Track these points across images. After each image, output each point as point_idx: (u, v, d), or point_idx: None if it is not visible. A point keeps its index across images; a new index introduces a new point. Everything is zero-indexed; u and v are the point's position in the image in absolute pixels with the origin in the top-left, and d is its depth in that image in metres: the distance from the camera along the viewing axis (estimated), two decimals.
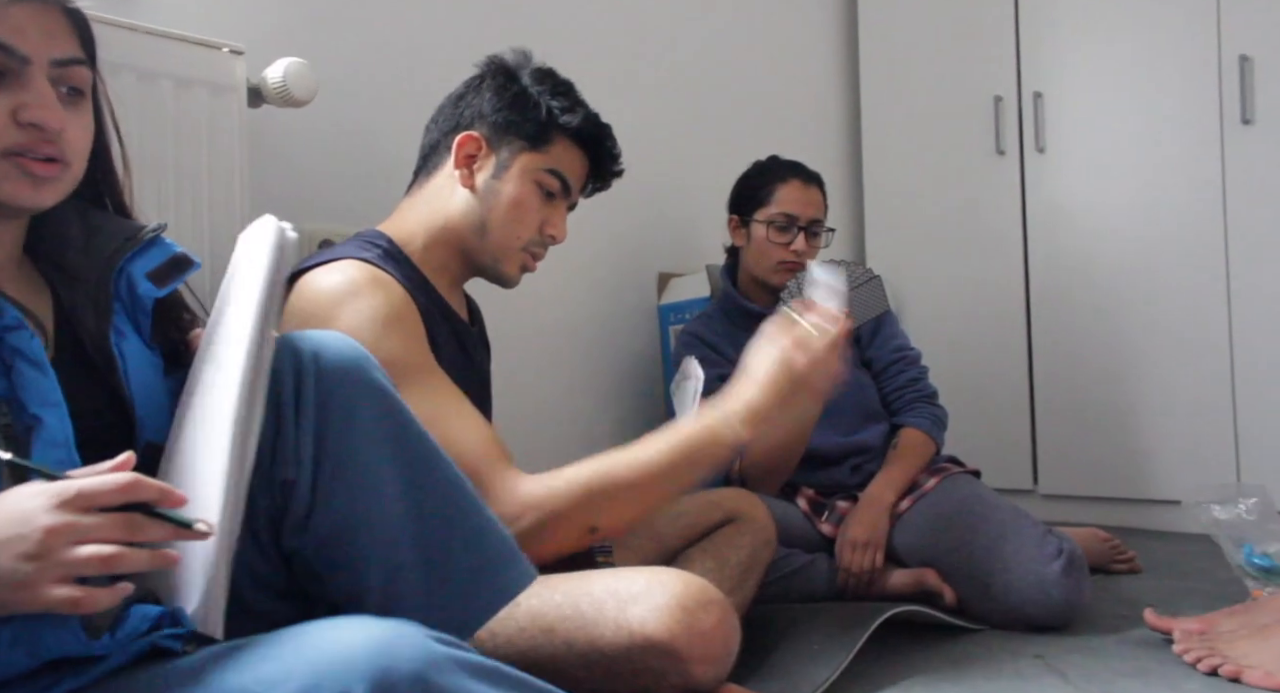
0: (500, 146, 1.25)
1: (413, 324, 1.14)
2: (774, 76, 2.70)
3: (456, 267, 1.29)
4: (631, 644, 0.99)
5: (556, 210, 1.29)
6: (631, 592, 1.02)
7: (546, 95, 1.26)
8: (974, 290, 2.66)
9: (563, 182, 1.28)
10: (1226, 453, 2.28)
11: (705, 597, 1.02)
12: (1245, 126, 2.25)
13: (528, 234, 1.27)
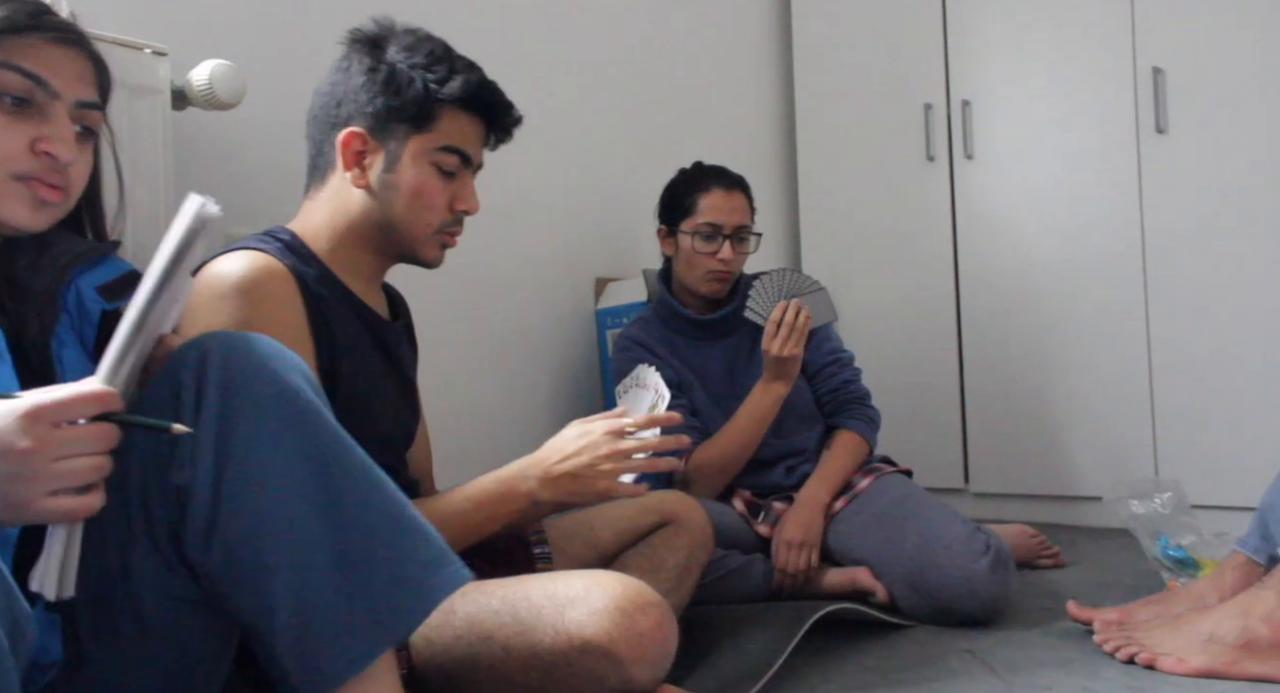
0: (386, 138, 1.17)
1: (290, 326, 1.08)
2: (710, 82, 2.73)
3: (371, 262, 1.22)
4: (570, 648, 0.99)
5: (463, 184, 1.22)
6: (569, 595, 1.02)
7: (420, 70, 1.17)
8: (906, 293, 2.72)
9: (460, 154, 1.20)
10: (1145, 451, 2.37)
11: (643, 599, 1.02)
12: (1159, 135, 2.34)
13: (438, 218, 1.20)
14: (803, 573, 1.75)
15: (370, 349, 1.21)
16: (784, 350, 1.75)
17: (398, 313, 1.32)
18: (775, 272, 1.84)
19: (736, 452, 1.81)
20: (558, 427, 2.21)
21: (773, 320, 1.76)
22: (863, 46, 2.79)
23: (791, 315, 1.75)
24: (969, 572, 1.58)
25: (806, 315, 1.76)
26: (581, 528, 1.42)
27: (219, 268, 1.08)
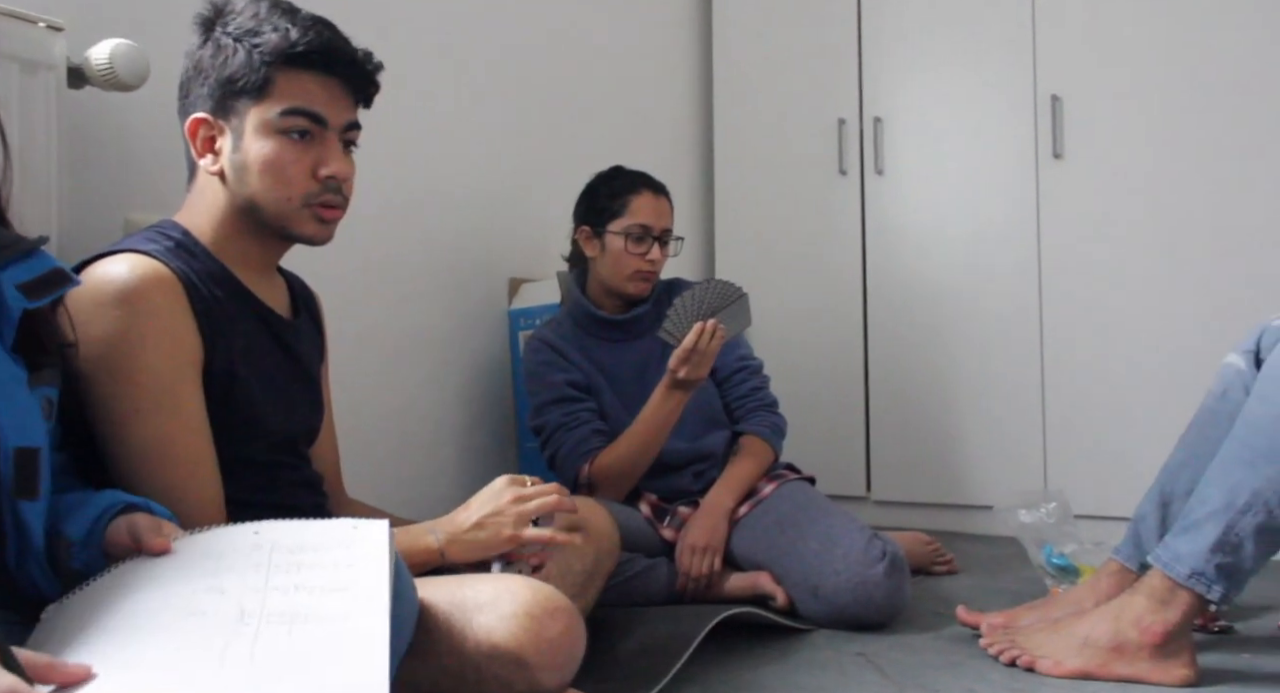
0: (228, 115, 1.11)
1: (173, 338, 1.05)
2: (630, 88, 2.75)
3: (258, 250, 1.17)
4: (478, 654, 0.98)
5: (325, 148, 1.13)
6: (478, 601, 1.01)
7: (245, 37, 1.10)
8: (816, 303, 2.77)
9: (310, 115, 1.11)
10: (1036, 463, 2.46)
11: (553, 604, 1.02)
12: (1056, 160, 2.44)
13: (299, 188, 1.12)
14: (705, 577, 1.76)
15: (269, 347, 1.18)
16: (690, 375, 1.74)
17: (299, 306, 1.29)
18: (697, 287, 1.78)
19: (637, 457, 1.82)
20: (467, 428, 2.21)
21: (685, 347, 1.72)
22: (780, 61, 2.84)
23: (705, 341, 1.72)
24: (865, 578, 1.62)
25: (720, 336, 1.74)
26: None
27: (103, 272, 1.03)
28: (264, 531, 0.87)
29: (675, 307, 1.77)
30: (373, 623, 0.75)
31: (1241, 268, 2.24)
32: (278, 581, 0.79)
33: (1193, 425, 1.53)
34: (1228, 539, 1.29)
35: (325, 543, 0.84)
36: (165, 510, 0.92)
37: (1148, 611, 1.32)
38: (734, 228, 2.93)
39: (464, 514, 1.16)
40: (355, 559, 0.82)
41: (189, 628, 0.74)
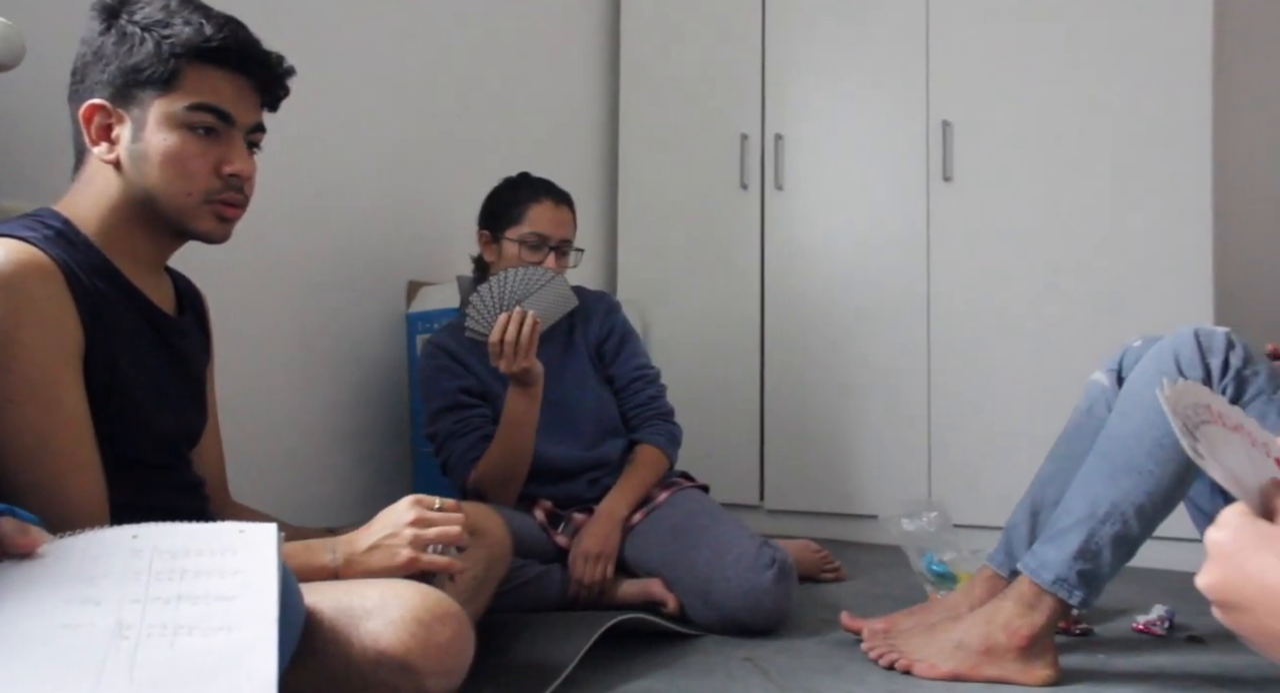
0: (129, 105, 1.09)
1: (51, 325, 1.01)
2: (538, 97, 2.76)
3: (148, 245, 1.14)
4: (365, 661, 0.96)
5: (230, 146, 1.12)
6: (365, 607, 0.99)
7: (154, 27, 1.08)
8: (715, 315, 2.82)
9: (217, 112, 1.10)
10: (920, 473, 2.56)
11: (441, 610, 1.01)
12: (946, 183, 2.55)
13: (200, 184, 1.10)
14: (598, 584, 1.78)
15: (152, 345, 1.14)
16: (514, 367, 1.70)
17: (185, 305, 1.25)
18: (493, 278, 1.74)
19: (510, 461, 1.80)
20: (361, 432, 2.18)
21: (493, 342, 1.68)
22: (686, 76, 2.89)
23: (514, 331, 1.68)
24: (755, 584, 1.66)
25: (533, 322, 1.68)
26: None
27: None
28: (143, 535, 0.82)
29: (472, 302, 1.74)
30: (261, 634, 0.73)
31: (1112, 290, 2.38)
32: (159, 590, 0.76)
33: (1061, 439, 1.61)
34: (1088, 548, 1.36)
35: (210, 548, 0.81)
36: (31, 516, 0.88)
37: (1016, 615, 1.39)
38: (636, 239, 2.96)
39: (364, 534, 1.14)
40: (241, 566, 0.80)
41: (60, 644, 0.70)
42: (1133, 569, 1.50)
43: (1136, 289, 2.35)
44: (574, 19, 2.97)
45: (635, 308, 2.81)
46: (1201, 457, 0.59)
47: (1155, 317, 2.22)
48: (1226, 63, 2.54)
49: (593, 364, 2.03)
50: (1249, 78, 2.69)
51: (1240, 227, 2.64)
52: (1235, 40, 2.65)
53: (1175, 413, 0.61)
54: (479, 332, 1.73)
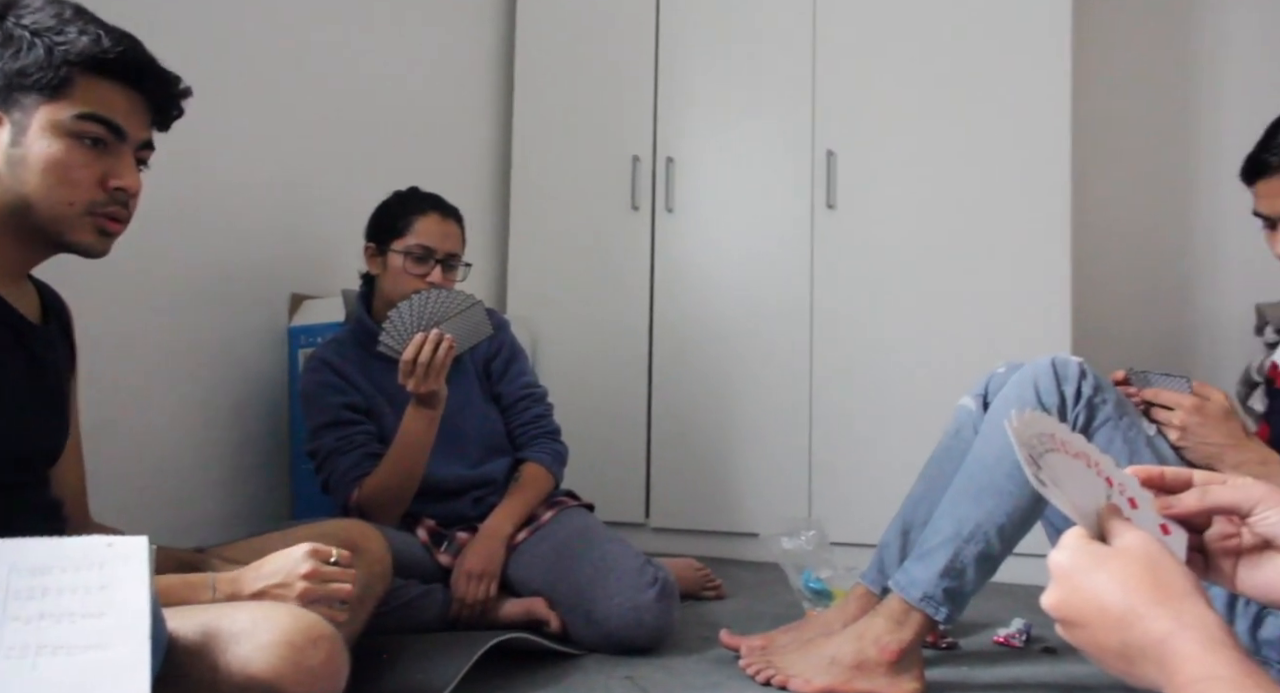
0: (10, 108, 1.06)
1: None
2: (429, 112, 2.73)
3: (16, 254, 1.11)
4: (233, 687, 0.94)
5: (118, 159, 1.10)
6: (233, 631, 0.96)
7: (46, 33, 1.05)
8: (604, 334, 2.84)
9: (107, 125, 1.08)
10: (801, 492, 2.63)
11: (315, 632, 0.99)
12: (829, 210, 2.64)
13: (83, 196, 1.07)
14: (480, 603, 1.76)
15: (13, 354, 1.09)
16: (421, 388, 1.68)
17: (49, 314, 1.20)
18: (415, 297, 1.72)
19: (399, 480, 1.77)
20: (240, 446, 2.11)
21: (405, 360, 1.66)
22: (580, 96, 2.91)
23: (428, 352, 1.66)
24: (637, 603, 1.67)
25: (449, 345, 1.68)
26: (250, 556, 1.34)
27: None
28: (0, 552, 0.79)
29: (390, 318, 1.72)
30: (134, 652, 0.70)
31: (981, 317, 2.50)
32: (18, 609, 0.72)
33: (931, 461, 1.68)
34: (954, 566, 1.43)
35: (74, 563, 0.78)
36: None
37: (886, 631, 1.44)
38: (528, 257, 2.96)
39: (251, 576, 1.10)
40: (110, 580, 0.77)
41: None
42: (995, 585, 1.57)
43: (1003, 317, 2.48)
44: (469, 35, 2.96)
45: (525, 325, 2.80)
46: (1044, 484, 0.63)
47: (1021, 343, 2.34)
48: (1084, 104, 2.71)
49: (480, 382, 2.02)
50: (1105, 119, 2.88)
51: (1096, 260, 2.82)
52: (1092, 83, 2.83)
53: (1021, 443, 0.65)
54: (392, 348, 1.70)
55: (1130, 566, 0.58)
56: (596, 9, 2.91)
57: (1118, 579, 0.58)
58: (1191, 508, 0.67)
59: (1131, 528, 0.62)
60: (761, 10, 2.73)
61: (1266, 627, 1.26)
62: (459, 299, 1.76)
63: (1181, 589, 0.57)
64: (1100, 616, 0.58)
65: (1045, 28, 2.48)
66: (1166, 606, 0.56)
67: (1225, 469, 1.35)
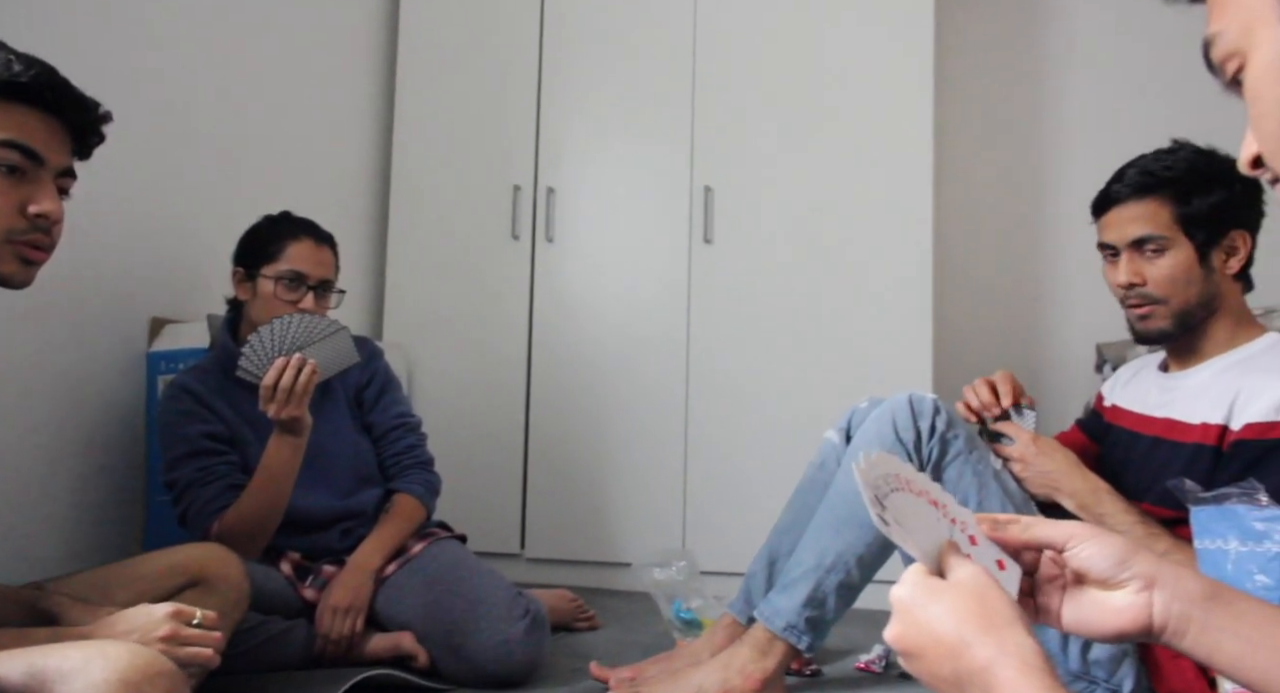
0: None
1: None
2: (305, 136, 2.68)
3: None
4: None
5: (37, 186, 1.08)
6: (62, 670, 0.91)
7: None
8: (481, 363, 2.82)
9: (24, 151, 1.06)
10: (676, 521, 2.66)
11: (154, 670, 0.94)
12: (706, 245, 2.71)
13: (2, 223, 1.06)
14: (346, 639, 1.72)
15: None
16: (283, 414, 1.63)
17: None
18: (277, 321, 1.68)
19: (261, 512, 1.71)
20: (95, 473, 2.00)
21: (266, 385, 1.61)
22: (462, 124, 2.91)
23: (289, 377, 1.61)
24: (507, 636, 1.66)
25: (311, 371, 1.63)
26: (94, 590, 1.28)
27: None
28: None
29: (250, 342, 1.67)
30: None
31: (848, 352, 2.60)
32: None
33: (796, 492, 1.74)
34: (816, 596, 1.48)
35: None
36: None
37: (750, 660, 1.48)
38: (405, 284, 2.92)
39: (102, 632, 1.05)
40: None
41: None
42: (857, 612, 1.63)
43: (869, 353, 2.58)
44: (349, 59, 2.92)
45: (401, 352, 2.76)
46: (886, 524, 0.67)
47: (885, 378, 2.44)
48: (946, 154, 2.87)
49: (351, 411, 1.98)
50: (964, 171, 3.05)
51: (955, 301, 2.97)
52: (953, 135, 3.00)
53: (867, 484, 0.68)
54: (251, 373, 1.65)
55: (962, 598, 0.62)
56: (479, 37, 2.92)
57: (950, 611, 0.62)
58: (1014, 539, 0.72)
59: (966, 563, 0.66)
60: (643, 46, 2.79)
61: (1095, 649, 1.34)
62: (323, 324, 1.73)
63: (1006, 619, 0.61)
64: (935, 646, 0.62)
65: (913, 79, 2.62)
66: (991, 634, 0.60)
67: (1061, 497, 1.45)
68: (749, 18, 2.74)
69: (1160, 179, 1.42)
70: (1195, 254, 1.41)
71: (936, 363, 2.58)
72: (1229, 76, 0.58)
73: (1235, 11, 0.56)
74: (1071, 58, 3.06)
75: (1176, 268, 1.41)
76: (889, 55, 2.65)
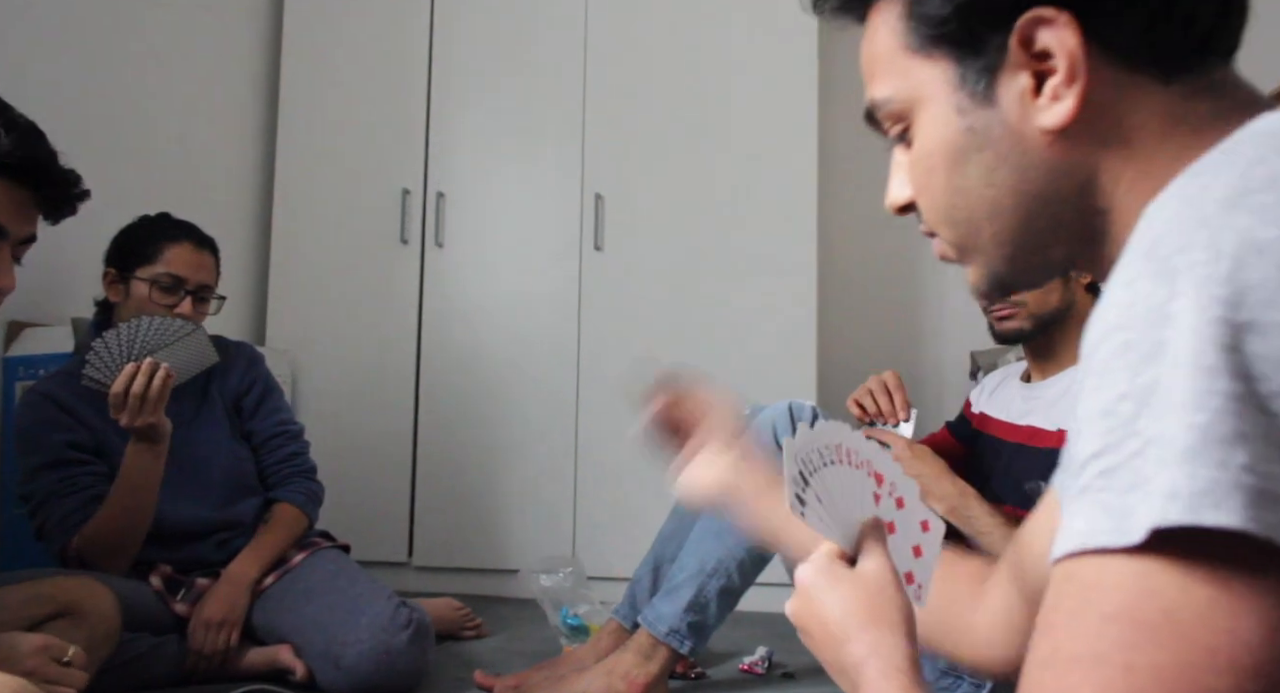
0: None
1: None
2: (185, 133, 2.58)
3: None
4: None
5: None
6: None
7: None
8: (369, 369, 2.77)
9: None
10: (566, 527, 2.66)
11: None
12: (597, 252, 2.72)
13: None
14: (220, 654, 1.66)
15: None
16: (138, 423, 1.56)
17: None
18: (124, 325, 1.61)
19: (122, 523, 1.64)
20: None
21: (115, 393, 1.54)
22: (349, 125, 2.85)
23: (141, 384, 1.55)
24: (389, 646, 1.63)
25: (165, 376, 1.56)
26: None
27: None
28: None
29: (95, 348, 1.60)
30: None
31: (733, 358, 2.64)
32: None
33: None
34: (698, 600, 1.50)
35: None
36: None
37: (634, 665, 1.49)
38: (289, 289, 2.83)
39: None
40: None
41: None
42: (740, 614, 1.66)
43: (755, 360, 2.63)
44: (231, 56, 2.83)
45: (285, 358, 2.69)
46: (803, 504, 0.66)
47: (771, 383, 2.49)
48: (830, 163, 2.95)
49: (229, 418, 1.92)
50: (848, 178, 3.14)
51: (838, 310, 3.05)
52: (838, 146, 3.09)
53: (795, 458, 0.66)
54: (98, 381, 1.58)
55: (857, 591, 0.64)
56: (368, 38, 2.86)
57: (842, 602, 0.63)
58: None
59: (877, 554, 0.66)
60: (534, 51, 2.79)
61: None
62: (176, 326, 1.66)
63: (889, 621, 0.63)
64: (823, 631, 0.64)
65: (798, 88, 2.68)
66: (869, 632, 0.62)
67: (932, 500, 1.51)
68: (639, 26, 2.76)
69: None
70: None
71: (820, 370, 2.65)
72: (894, 135, 0.64)
73: (903, 83, 0.61)
74: None
75: None
76: (775, 65, 2.71)
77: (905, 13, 0.60)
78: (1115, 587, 0.40)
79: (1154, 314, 0.41)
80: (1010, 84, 0.56)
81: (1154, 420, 0.40)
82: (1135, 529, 0.39)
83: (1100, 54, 0.54)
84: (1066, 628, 0.42)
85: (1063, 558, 0.43)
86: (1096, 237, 0.58)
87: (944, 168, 0.60)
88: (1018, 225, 0.59)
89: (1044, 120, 0.55)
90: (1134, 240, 0.46)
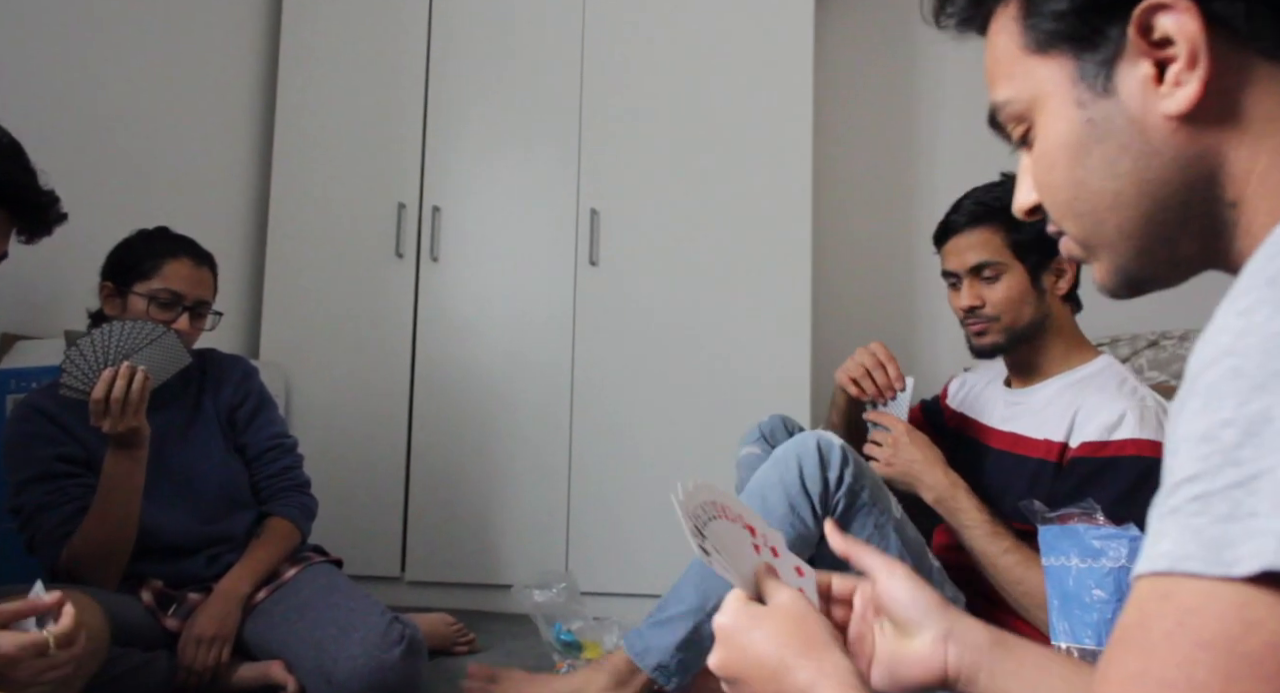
0: None
1: None
2: (180, 147, 2.58)
3: None
4: None
5: None
6: None
7: None
8: (363, 383, 2.76)
9: None
10: (559, 542, 2.65)
11: None
12: (592, 267, 2.72)
13: None
14: (210, 670, 1.65)
15: None
16: (120, 427, 1.56)
17: None
18: (96, 331, 1.60)
19: (110, 533, 1.63)
20: None
21: (96, 399, 1.54)
22: (344, 141, 2.85)
23: (121, 388, 1.54)
24: (381, 662, 1.62)
25: (143, 378, 1.57)
26: None
27: None
28: None
29: (70, 356, 1.60)
30: None
31: (734, 373, 2.65)
32: None
33: None
34: (693, 638, 1.44)
35: None
36: None
37: (605, 688, 1.46)
38: (284, 303, 2.83)
39: None
40: None
41: None
42: None
43: (750, 373, 2.64)
44: (226, 68, 2.83)
45: (279, 372, 2.68)
46: (707, 554, 0.68)
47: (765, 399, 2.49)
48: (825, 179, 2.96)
49: (222, 431, 1.91)
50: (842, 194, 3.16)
51: (833, 321, 3.06)
52: (833, 163, 3.11)
53: (687, 514, 0.69)
54: (76, 389, 1.57)
55: (782, 622, 0.64)
56: (364, 51, 2.87)
57: (770, 635, 0.64)
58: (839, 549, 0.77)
59: (783, 588, 0.68)
60: (531, 66, 2.80)
61: None
62: (147, 329, 1.65)
63: (823, 642, 0.64)
64: (759, 670, 0.64)
65: (793, 104, 2.71)
66: (810, 656, 0.62)
67: (922, 489, 1.51)
68: (635, 42, 2.78)
69: (991, 208, 1.53)
70: (1028, 277, 1.52)
71: (815, 386, 2.65)
72: (1017, 138, 0.64)
73: (1023, 84, 0.60)
74: (941, 91, 3.21)
75: (1012, 290, 1.52)
76: (770, 81, 2.72)
77: (1021, 14, 0.60)
78: (1215, 616, 0.39)
79: (1270, 343, 0.40)
80: (1130, 74, 0.55)
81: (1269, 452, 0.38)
82: (1238, 563, 0.38)
83: (1219, 38, 0.53)
84: (1158, 650, 0.41)
85: (1146, 575, 0.42)
86: (1227, 230, 0.56)
87: (1065, 162, 0.59)
88: (1142, 217, 0.58)
89: (1167, 106, 0.54)
90: (1256, 263, 0.45)
